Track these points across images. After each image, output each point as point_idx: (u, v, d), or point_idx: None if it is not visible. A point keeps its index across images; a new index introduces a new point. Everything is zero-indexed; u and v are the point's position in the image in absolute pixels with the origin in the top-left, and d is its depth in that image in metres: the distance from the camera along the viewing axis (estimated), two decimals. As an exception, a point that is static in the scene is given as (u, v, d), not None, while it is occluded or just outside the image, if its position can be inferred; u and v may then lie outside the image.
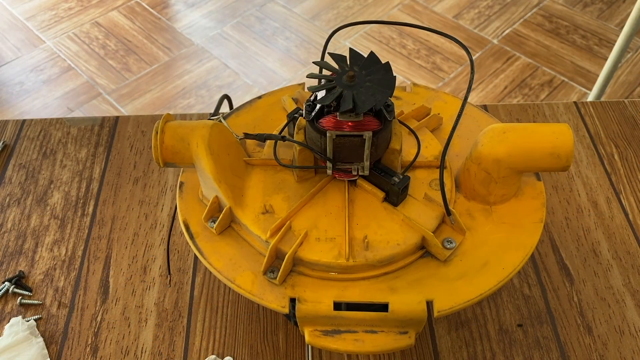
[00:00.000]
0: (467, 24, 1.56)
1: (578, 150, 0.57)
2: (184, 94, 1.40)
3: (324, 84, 0.34)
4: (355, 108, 0.33)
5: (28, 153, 0.59)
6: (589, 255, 0.49)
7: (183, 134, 0.39)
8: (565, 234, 0.51)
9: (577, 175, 0.55)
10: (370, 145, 0.36)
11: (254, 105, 0.48)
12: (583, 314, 0.46)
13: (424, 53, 1.48)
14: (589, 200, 0.53)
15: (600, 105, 0.62)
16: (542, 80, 1.41)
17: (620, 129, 0.60)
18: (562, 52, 1.47)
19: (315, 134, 0.36)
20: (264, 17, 1.60)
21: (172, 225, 0.51)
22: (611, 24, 1.54)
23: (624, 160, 0.57)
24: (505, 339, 0.44)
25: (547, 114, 0.61)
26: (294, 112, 0.43)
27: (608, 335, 0.44)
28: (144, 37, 1.54)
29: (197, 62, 1.48)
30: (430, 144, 0.43)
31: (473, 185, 0.40)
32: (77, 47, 1.51)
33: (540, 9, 1.59)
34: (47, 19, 1.60)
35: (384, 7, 1.61)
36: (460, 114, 0.37)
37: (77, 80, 1.43)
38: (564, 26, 1.54)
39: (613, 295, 0.47)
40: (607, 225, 0.51)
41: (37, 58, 1.49)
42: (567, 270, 0.48)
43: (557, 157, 0.38)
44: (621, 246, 0.50)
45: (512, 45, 1.49)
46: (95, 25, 1.58)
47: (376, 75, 0.34)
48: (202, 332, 0.45)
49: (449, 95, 0.49)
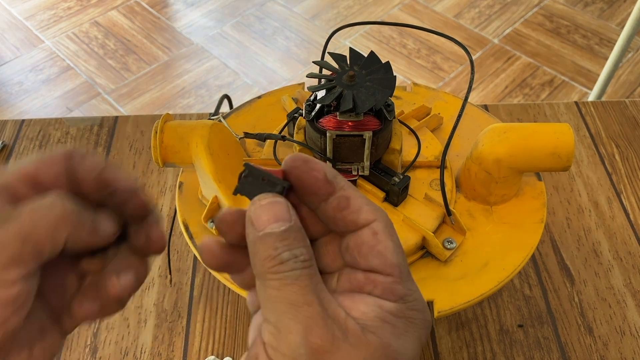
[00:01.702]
0: (467, 23, 1.56)
1: (579, 150, 0.57)
2: (183, 93, 1.40)
3: (324, 83, 0.34)
4: (356, 108, 0.33)
5: (27, 153, 0.59)
6: (589, 255, 0.49)
7: (182, 134, 0.39)
8: (566, 234, 0.51)
9: (578, 175, 0.55)
10: (370, 145, 0.35)
11: (253, 105, 0.48)
12: (584, 315, 0.45)
13: (425, 52, 1.48)
14: (589, 200, 0.53)
15: (601, 105, 0.61)
16: (543, 80, 1.40)
17: (621, 128, 0.59)
18: (563, 51, 1.47)
19: (315, 134, 0.36)
20: (264, 16, 1.60)
21: (172, 225, 0.51)
22: (612, 23, 1.54)
23: (624, 160, 0.56)
24: (506, 339, 0.44)
25: (548, 113, 0.60)
26: (294, 112, 0.42)
27: (609, 336, 0.44)
28: (143, 37, 1.54)
29: (197, 62, 1.48)
30: (431, 144, 0.42)
31: (474, 186, 0.40)
32: (77, 47, 1.51)
33: (541, 9, 1.59)
34: (46, 19, 1.59)
35: (384, 6, 1.61)
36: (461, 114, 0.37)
37: (77, 80, 1.43)
38: (564, 26, 1.54)
39: (614, 295, 0.47)
40: (608, 225, 0.51)
41: (36, 58, 1.49)
42: (567, 270, 0.48)
43: (558, 157, 0.37)
44: (622, 246, 0.50)
45: (513, 44, 1.49)
46: (95, 25, 1.57)
47: (376, 74, 0.34)
48: (201, 333, 0.45)
49: (450, 95, 0.49)
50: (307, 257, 0.19)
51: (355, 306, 0.20)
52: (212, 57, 1.49)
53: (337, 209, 0.20)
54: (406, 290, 0.20)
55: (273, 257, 0.18)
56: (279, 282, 0.18)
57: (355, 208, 0.20)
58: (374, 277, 0.20)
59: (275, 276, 0.18)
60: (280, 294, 0.18)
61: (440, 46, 1.49)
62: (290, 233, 0.19)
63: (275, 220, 0.19)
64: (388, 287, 0.20)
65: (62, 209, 0.19)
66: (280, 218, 0.19)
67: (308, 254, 0.19)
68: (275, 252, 0.18)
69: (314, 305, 0.18)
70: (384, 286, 0.20)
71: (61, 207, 0.19)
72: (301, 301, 0.18)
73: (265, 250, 0.19)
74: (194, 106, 1.36)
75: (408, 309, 0.20)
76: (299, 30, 1.55)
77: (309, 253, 0.19)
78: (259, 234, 0.19)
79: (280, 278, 0.18)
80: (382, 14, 1.59)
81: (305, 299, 0.18)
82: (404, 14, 1.59)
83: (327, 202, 0.21)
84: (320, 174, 0.20)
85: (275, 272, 0.18)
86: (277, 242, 0.19)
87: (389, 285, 0.20)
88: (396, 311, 0.20)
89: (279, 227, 0.19)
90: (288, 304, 0.18)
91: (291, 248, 0.19)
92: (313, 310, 0.18)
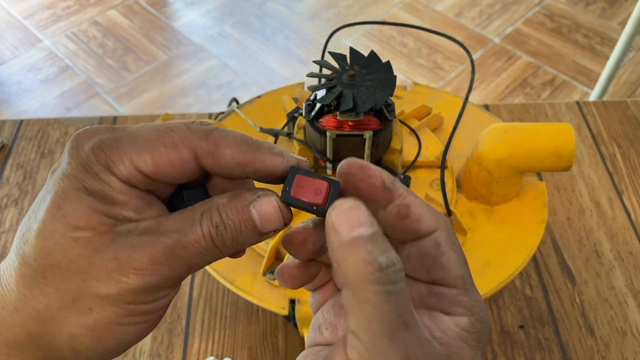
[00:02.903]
0: (468, 22, 1.55)
1: (580, 150, 0.57)
2: (183, 93, 1.40)
3: (324, 83, 0.34)
4: (356, 107, 0.33)
5: (26, 153, 0.58)
6: (591, 255, 0.49)
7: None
8: (567, 234, 0.50)
9: (579, 176, 0.55)
10: (370, 145, 0.35)
11: (253, 105, 0.47)
12: (585, 315, 0.45)
13: (425, 52, 1.47)
14: (591, 200, 0.53)
15: (602, 104, 0.61)
16: (544, 79, 1.40)
17: (623, 128, 0.59)
18: (564, 51, 1.47)
19: (315, 134, 0.36)
20: (264, 15, 1.60)
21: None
22: (613, 22, 1.54)
23: (626, 160, 0.56)
24: (507, 340, 0.44)
25: (549, 113, 0.60)
26: (294, 111, 0.42)
27: (610, 337, 0.44)
28: (142, 36, 1.53)
29: (196, 61, 1.47)
30: (431, 144, 0.42)
31: (474, 186, 0.40)
32: (76, 46, 1.51)
33: (542, 8, 1.58)
34: (45, 18, 1.59)
35: (385, 5, 1.61)
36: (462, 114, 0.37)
37: (75, 80, 1.43)
38: (565, 25, 1.53)
39: (615, 296, 0.46)
40: (610, 225, 0.51)
41: (35, 57, 1.48)
42: (569, 271, 0.48)
43: (559, 156, 0.37)
44: (623, 247, 0.49)
45: (514, 44, 1.49)
46: (94, 24, 1.57)
47: (377, 74, 0.34)
48: (201, 334, 0.44)
49: (450, 95, 0.48)
50: (401, 265, 0.17)
51: (434, 325, 0.19)
52: (211, 56, 1.48)
53: (397, 217, 0.19)
54: (472, 302, 0.19)
55: (369, 261, 0.16)
56: (376, 296, 0.16)
57: (416, 217, 0.19)
58: (438, 289, 0.19)
59: (373, 288, 0.16)
60: (377, 311, 0.16)
61: (441, 45, 1.48)
62: (378, 237, 0.17)
63: (359, 225, 0.17)
64: (454, 300, 0.19)
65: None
66: (364, 222, 0.17)
67: (400, 262, 0.17)
68: (370, 255, 0.16)
69: (412, 329, 0.17)
70: (450, 299, 0.19)
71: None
72: (401, 324, 0.16)
73: (357, 254, 0.16)
74: (194, 106, 1.36)
75: (477, 322, 0.19)
76: (298, 30, 1.55)
77: (401, 261, 0.17)
78: (345, 239, 0.17)
79: (378, 292, 0.16)
80: (383, 13, 1.59)
81: (404, 320, 0.16)
82: (405, 14, 1.58)
83: (386, 209, 0.19)
84: (378, 180, 0.19)
85: (375, 283, 0.16)
86: (369, 245, 0.16)
87: (454, 297, 0.19)
88: (469, 327, 0.19)
89: (366, 230, 0.17)
90: (386, 325, 0.16)
91: (384, 252, 0.16)
92: (412, 336, 0.17)
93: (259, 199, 0.19)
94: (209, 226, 0.18)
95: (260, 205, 0.19)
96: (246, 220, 0.19)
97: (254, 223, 0.19)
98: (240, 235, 0.19)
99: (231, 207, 0.19)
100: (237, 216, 0.19)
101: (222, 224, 0.19)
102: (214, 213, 0.19)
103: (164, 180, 0.19)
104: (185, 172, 0.19)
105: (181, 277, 0.19)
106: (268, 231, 0.19)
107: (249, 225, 0.19)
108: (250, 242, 0.19)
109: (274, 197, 0.19)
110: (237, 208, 0.19)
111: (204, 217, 0.18)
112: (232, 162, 0.19)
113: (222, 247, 0.19)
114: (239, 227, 0.19)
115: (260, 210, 0.19)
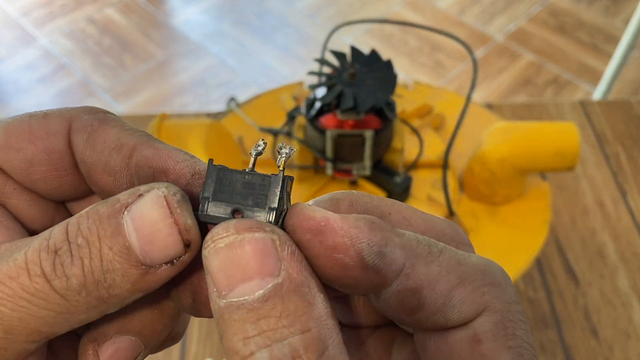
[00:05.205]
0: (470, 20, 1.55)
1: (583, 150, 0.56)
2: (181, 92, 1.39)
3: (325, 81, 0.33)
4: (356, 106, 0.32)
5: (21, 152, 0.58)
6: (594, 257, 0.48)
7: (180, 133, 0.38)
8: (570, 235, 0.50)
9: (583, 176, 0.54)
10: (371, 144, 0.35)
11: (252, 104, 0.47)
12: (589, 317, 0.45)
13: (427, 50, 1.47)
14: (594, 201, 0.52)
15: (606, 104, 0.61)
16: (547, 78, 1.39)
17: (627, 128, 0.59)
18: (568, 49, 1.46)
19: (315, 133, 0.35)
20: (263, 13, 1.59)
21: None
22: (617, 20, 1.53)
23: (630, 160, 0.56)
24: (510, 343, 0.43)
25: (553, 112, 0.60)
26: (294, 110, 0.42)
27: (614, 339, 0.43)
28: (139, 34, 1.53)
29: (195, 60, 1.46)
30: (433, 143, 0.42)
31: (477, 186, 0.39)
32: (72, 45, 1.50)
33: (545, 6, 1.58)
34: (41, 16, 1.58)
35: (386, 3, 1.60)
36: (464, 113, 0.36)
37: (72, 78, 1.42)
38: (569, 23, 1.53)
39: (619, 297, 0.46)
40: (614, 226, 0.50)
41: (32, 56, 1.47)
42: (572, 272, 0.47)
43: (563, 156, 0.37)
44: (628, 248, 0.49)
45: (517, 42, 1.48)
46: (91, 22, 1.56)
47: (378, 72, 0.33)
48: (198, 337, 0.44)
49: (452, 93, 0.48)
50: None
51: None
52: (209, 54, 1.47)
53: (400, 310, 0.12)
54: None
55: (237, 352, 0.10)
56: None
57: (435, 306, 0.11)
58: None
59: None
60: None
61: (442, 44, 1.48)
62: (277, 302, 0.10)
63: (247, 278, 0.10)
64: None
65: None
66: (259, 271, 0.10)
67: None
68: (243, 343, 0.10)
69: None
70: None
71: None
72: None
73: (233, 330, 0.10)
74: (192, 104, 1.35)
75: None
76: (298, 28, 1.54)
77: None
78: (221, 303, 0.10)
79: None
80: (384, 10, 1.58)
81: None
82: (406, 11, 1.57)
83: (379, 296, 0.12)
84: (348, 255, 0.11)
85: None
86: (247, 323, 0.10)
87: None
88: None
89: (252, 290, 0.10)
90: None
91: (275, 340, 0.10)
92: None
93: (139, 200, 0.11)
94: (40, 249, 0.10)
95: (140, 209, 0.11)
96: (111, 238, 0.10)
97: (126, 243, 0.11)
98: (98, 269, 0.10)
99: (88, 216, 0.11)
100: (96, 231, 0.10)
101: (64, 245, 0.10)
102: (55, 229, 0.11)
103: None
104: (53, 160, 0.12)
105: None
106: (156, 262, 0.11)
107: (117, 247, 0.10)
108: (125, 285, 0.11)
109: (170, 193, 0.11)
110: (97, 218, 0.11)
111: (38, 237, 0.11)
112: (114, 141, 0.12)
113: (67, 294, 0.10)
114: (96, 253, 0.10)
115: (138, 217, 0.10)
